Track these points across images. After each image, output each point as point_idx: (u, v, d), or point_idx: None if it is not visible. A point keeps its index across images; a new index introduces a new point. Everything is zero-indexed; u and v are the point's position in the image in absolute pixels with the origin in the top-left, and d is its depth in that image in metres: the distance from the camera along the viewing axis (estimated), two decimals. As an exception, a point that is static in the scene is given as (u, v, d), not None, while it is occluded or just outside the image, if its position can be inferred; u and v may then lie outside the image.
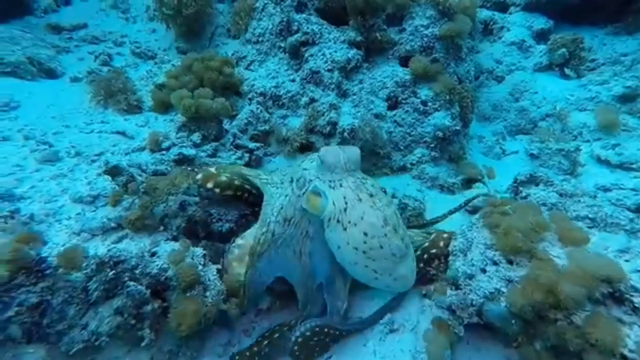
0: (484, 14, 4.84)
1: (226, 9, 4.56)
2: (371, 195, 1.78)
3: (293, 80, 3.53)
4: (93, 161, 2.63)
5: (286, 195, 2.00)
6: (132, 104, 3.26)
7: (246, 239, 2.03)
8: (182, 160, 2.64)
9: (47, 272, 1.59)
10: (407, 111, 3.42)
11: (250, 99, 3.46)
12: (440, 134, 3.34)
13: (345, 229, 1.70)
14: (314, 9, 3.60)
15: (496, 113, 4.39)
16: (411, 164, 3.48)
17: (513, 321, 1.63)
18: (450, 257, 1.97)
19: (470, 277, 1.79)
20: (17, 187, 2.27)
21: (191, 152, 2.67)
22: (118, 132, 2.98)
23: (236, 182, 2.17)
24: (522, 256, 1.70)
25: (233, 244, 2.05)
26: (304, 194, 1.90)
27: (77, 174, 2.50)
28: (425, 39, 3.48)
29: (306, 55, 3.41)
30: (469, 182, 3.37)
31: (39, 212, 2.10)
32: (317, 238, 1.94)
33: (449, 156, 3.49)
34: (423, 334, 1.82)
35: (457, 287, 1.84)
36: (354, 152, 1.92)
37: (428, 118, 3.40)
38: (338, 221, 1.73)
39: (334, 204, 1.75)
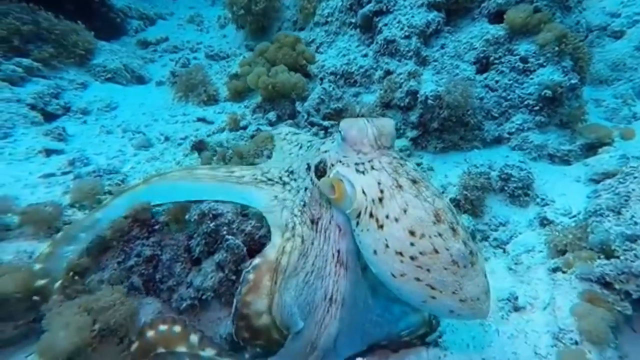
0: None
1: (292, 2, 4.71)
2: (414, 182, 1.29)
3: (365, 55, 3.40)
4: (179, 144, 2.86)
5: (306, 189, 1.51)
6: (210, 94, 3.47)
7: (265, 256, 1.42)
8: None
9: (156, 227, 1.72)
10: (501, 72, 3.01)
11: (321, 79, 3.42)
12: (548, 93, 2.85)
13: (381, 227, 1.22)
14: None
15: (617, 74, 3.68)
16: (509, 133, 3.04)
17: None
18: (592, 219, 1.59)
19: (633, 239, 1.39)
20: (121, 168, 2.57)
21: (268, 128, 2.69)
22: (199, 120, 3.20)
23: None
24: None
25: (247, 269, 1.42)
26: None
27: (166, 156, 2.74)
28: (523, -14, 3.07)
29: (380, 25, 3.26)
30: (591, 149, 2.81)
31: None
32: (354, 267, 1.40)
33: (560, 120, 2.97)
34: (572, 309, 1.45)
35: (611, 254, 1.45)
36: (386, 123, 1.44)
37: (530, 77, 2.95)
38: (371, 215, 1.25)
39: (363, 192, 1.28)
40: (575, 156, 2.83)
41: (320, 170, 1.43)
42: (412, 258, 1.18)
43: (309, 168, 1.51)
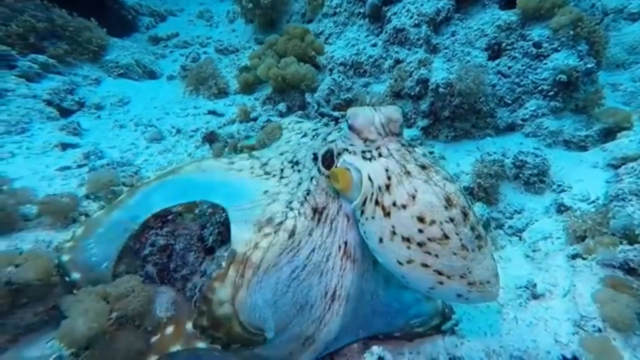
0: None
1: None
2: (423, 167, 1.24)
3: (374, 45, 3.35)
4: (191, 136, 2.88)
5: (312, 178, 1.45)
6: (221, 87, 3.48)
7: (233, 250, 1.31)
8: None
9: (170, 217, 1.72)
10: (514, 58, 2.94)
11: (330, 70, 3.39)
12: (563, 77, 2.77)
13: (388, 214, 1.18)
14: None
15: (635, 57, 3.56)
16: (523, 119, 2.97)
17: None
18: (614, 204, 1.53)
19: (657, 221, 1.34)
20: (134, 160, 2.59)
21: (278, 119, 2.68)
22: (209, 112, 3.21)
23: None
24: None
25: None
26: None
27: (178, 149, 2.76)
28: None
29: (389, 14, 3.21)
30: (609, 134, 2.72)
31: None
32: (363, 265, 1.34)
33: (576, 105, 2.88)
34: (594, 296, 1.41)
35: (634, 239, 1.40)
36: (393, 110, 1.39)
37: (544, 62, 2.87)
38: (377, 203, 1.21)
39: (370, 178, 1.24)
40: (592, 142, 2.75)
41: (328, 160, 1.41)
42: (419, 244, 1.14)
43: (315, 158, 1.47)
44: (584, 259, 1.60)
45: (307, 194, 1.40)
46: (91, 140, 3.02)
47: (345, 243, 1.34)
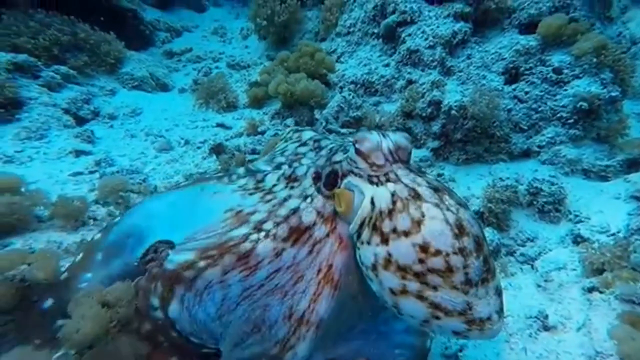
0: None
1: (314, 14, 4.86)
2: (436, 190, 1.18)
3: (387, 65, 3.41)
4: (198, 147, 2.96)
5: (306, 197, 1.38)
6: (230, 101, 3.59)
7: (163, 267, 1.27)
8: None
9: None
10: (532, 83, 2.94)
11: (341, 88, 3.46)
12: (584, 105, 2.73)
13: (386, 241, 1.12)
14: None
15: (663, 87, 3.52)
16: (539, 146, 2.93)
17: None
18: (635, 237, 1.48)
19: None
20: (143, 169, 2.70)
21: (286, 134, 2.73)
22: (217, 125, 3.31)
23: None
24: None
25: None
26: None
27: (186, 159, 2.84)
28: (558, -2, 3.02)
29: (403, 35, 3.28)
30: (633, 165, 2.65)
31: (160, 185, 2.63)
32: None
33: (597, 134, 2.83)
34: (610, 331, 1.33)
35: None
36: (402, 137, 1.35)
37: (564, 88, 2.85)
38: (374, 228, 1.15)
39: (372, 202, 1.20)
40: (614, 172, 2.67)
41: (331, 180, 1.36)
42: (417, 275, 1.06)
43: (317, 177, 1.40)
44: (601, 292, 1.52)
45: (293, 212, 1.32)
46: (103, 148, 3.13)
47: (330, 266, 1.27)
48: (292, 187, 1.44)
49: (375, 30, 3.52)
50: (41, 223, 2.04)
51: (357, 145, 1.29)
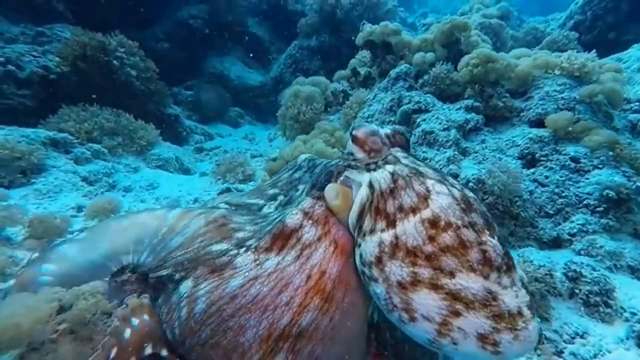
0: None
1: (336, 117, 5.54)
2: (436, 170, 1.16)
3: (402, 148, 3.68)
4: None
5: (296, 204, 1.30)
6: (247, 174, 3.84)
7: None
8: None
9: None
10: (550, 169, 3.01)
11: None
12: (611, 193, 2.71)
13: (392, 223, 1.03)
14: (425, 93, 4.06)
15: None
16: (570, 234, 2.79)
17: None
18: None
19: None
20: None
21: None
22: (228, 190, 3.47)
23: None
24: None
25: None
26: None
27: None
28: (562, 101, 3.34)
29: (418, 120, 3.61)
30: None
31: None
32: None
33: (634, 229, 2.71)
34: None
35: None
36: (399, 128, 1.36)
37: (585, 177, 2.90)
38: (377, 211, 1.07)
39: (370, 185, 1.14)
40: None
41: (325, 183, 1.27)
42: (428, 258, 0.95)
43: (313, 186, 1.30)
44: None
45: (277, 222, 1.23)
46: (108, 207, 3.28)
47: (322, 273, 1.11)
48: (283, 207, 1.41)
49: (392, 118, 3.92)
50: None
51: (354, 132, 1.28)
